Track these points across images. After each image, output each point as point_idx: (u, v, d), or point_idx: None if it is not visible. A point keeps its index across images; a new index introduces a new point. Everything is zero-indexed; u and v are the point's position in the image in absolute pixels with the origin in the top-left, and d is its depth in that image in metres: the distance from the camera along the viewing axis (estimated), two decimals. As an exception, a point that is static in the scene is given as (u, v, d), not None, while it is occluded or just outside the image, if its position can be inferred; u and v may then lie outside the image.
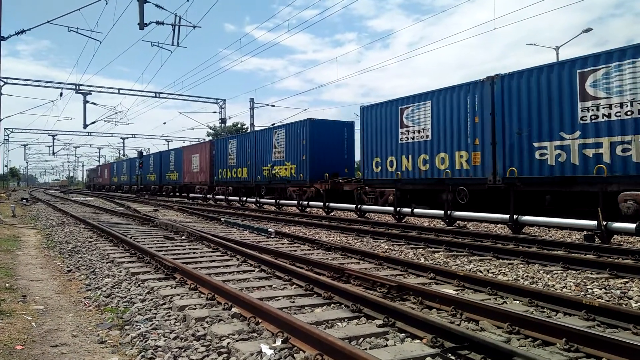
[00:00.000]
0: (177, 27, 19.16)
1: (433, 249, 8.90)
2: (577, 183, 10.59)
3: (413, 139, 14.81)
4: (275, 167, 22.26)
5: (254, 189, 24.40)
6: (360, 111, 17.22)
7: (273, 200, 21.50)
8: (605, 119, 10.06)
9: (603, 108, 10.06)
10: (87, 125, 34.75)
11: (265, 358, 3.42)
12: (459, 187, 13.14)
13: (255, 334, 3.92)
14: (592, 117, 10.27)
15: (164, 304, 5.03)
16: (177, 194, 37.13)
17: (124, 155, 76.09)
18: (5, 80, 31.76)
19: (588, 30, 28.26)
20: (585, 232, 10.08)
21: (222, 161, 28.53)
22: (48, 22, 18.81)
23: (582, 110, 10.45)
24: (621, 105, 9.80)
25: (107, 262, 7.64)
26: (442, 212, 13.20)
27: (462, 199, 13.05)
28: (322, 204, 18.22)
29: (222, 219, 14.74)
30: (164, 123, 57.91)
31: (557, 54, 28.99)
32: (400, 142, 15.29)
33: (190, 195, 31.95)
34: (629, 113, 9.68)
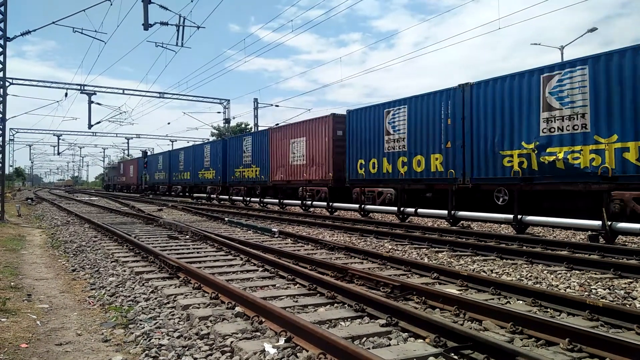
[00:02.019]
0: (181, 28, 19.18)
1: (437, 249, 8.89)
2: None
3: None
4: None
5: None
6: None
7: (277, 200, 21.53)
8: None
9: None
10: (92, 126, 34.73)
11: (269, 357, 3.43)
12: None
13: (258, 333, 3.94)
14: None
15: (168, 303, 5.05)
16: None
17: (128, 155, 75.88)
18: (11, 80, 31.89)
19: (593, 29, 28.16)
20: (589, 232, 10.06)
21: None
22: (53, 22, 18.86)
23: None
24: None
25: (112, 262, 7.68)
26: (445, 212, 13.19)
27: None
28: (325, 204, 18.23)
29: (226, 219, 14.77)
30: (169, 123, 58.34)
31: (562, 54, 28.92)
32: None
33: (194, 194, 32.00)
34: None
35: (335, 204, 18.01)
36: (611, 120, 10.16)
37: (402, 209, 14.74)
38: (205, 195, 30.35)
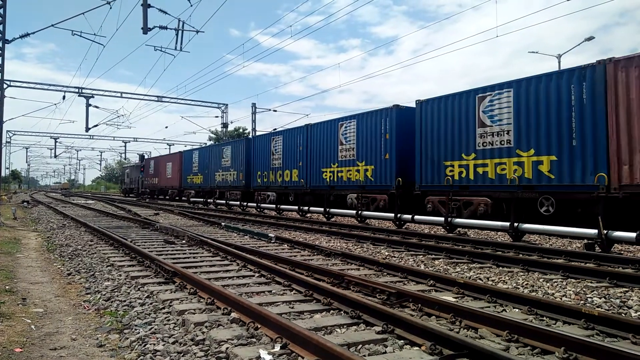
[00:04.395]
0: (180, 32, 19.23)
1: (433, 256, 8.89)
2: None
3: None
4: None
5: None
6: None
7: (273, 206, 21.52)
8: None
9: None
10: (90, 129, 34.74)
11: (264, 363, 3.42)
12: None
13: (254, 339, 3.93)
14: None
15: (164, 308, 5.03)
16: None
17: (125, 159, 75.18)
18: (8, 82, 31.87)
19: (590, 38, 28.31)
20: (585, 241, 10.08)
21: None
22: (52, 25, 18.87)
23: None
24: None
25: (107, 266, 7.65)
26: (442, 219, 13.21)
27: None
28: (322, 209, 18.22)
29: (223, 224, 14.74)
30: (166, 127, 58.40)
31: (559, 62, 29.07)
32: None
33: (191, 199, 31.84)
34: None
35: (332, 210, 17.99)
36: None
37: (398, 215, 14.76)
38: (202, 200, 29.87)
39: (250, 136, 25.55)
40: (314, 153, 19.13)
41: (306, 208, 19.39)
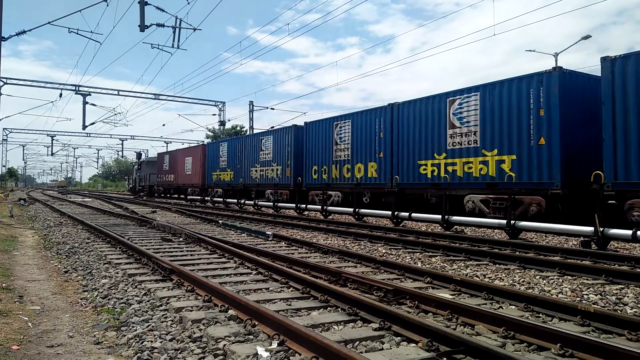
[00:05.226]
0: (177, 30, 19.21)
1: (430, 254, 8.91)
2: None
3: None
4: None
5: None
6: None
7: (271, 203, 21.53)
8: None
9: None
10: (86, 126, 34.67)
11: (261, 360, 3.43)
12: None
13: (251, 337, 3.93)
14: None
15: (161, 305, 5.03)
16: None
17: (122, 157, 74.83)
18: (4, 80, 31.75)
19: (587, 37, 28.40)
20: (582, 238, 10.12)
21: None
22: (49, 23, 18.82)
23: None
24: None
25: (104, 264, 7.64)
26: (439, 216, 13.24)
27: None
28: (319, 207, 18.23)
29: (220, 221, 14.74)
30: (163, 125, 58.05)
31: (556, 60, 29.12)
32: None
33: (188, 197, 31.74)
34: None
35: (330, 208, 17.99)
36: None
37: (396, 213, 14.78)
38: (199, 197, 29.29)
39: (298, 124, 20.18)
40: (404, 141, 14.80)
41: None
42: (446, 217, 13.06)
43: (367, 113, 16.53)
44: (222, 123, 39.60)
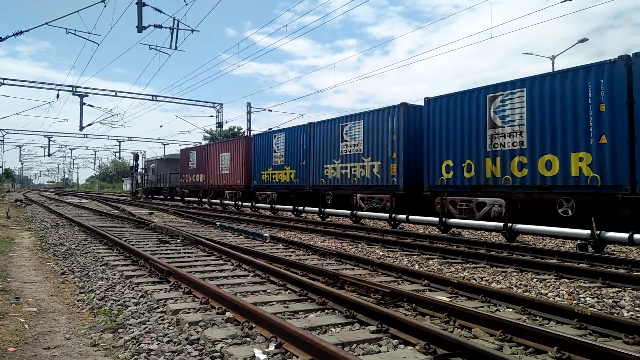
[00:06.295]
0: (175, 31, 19.20)
1: (427, 256, 8.92)
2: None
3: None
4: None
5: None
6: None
7: (269, 205, 21.50)
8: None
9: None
10: (84, 128, 34.57)
11: (259, 363, 3.42)
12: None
13: (248, 339, 3.93)
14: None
15: (158, 307, 5.02)
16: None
17: (119, 158, 74.69)
18: (2, 80, 31.69)
19: (584, 40, 28.51)
20: (578, 241, 10.14)
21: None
22: (46, 23, 18.79)
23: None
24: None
25: (101, 265, 7.62)
26: (437, 219, 13.26)
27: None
28: (317, 209, 18.22)
29: (217, 223, 14.72)
30: (161, 126, 58.26)
31: (553, 64, 29.22)
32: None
33: (186, 198, 31.62)
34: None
35: (327, 210, 17.99)
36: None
37: (393, 215, 14.79)
38: (196, 199, 28.78)
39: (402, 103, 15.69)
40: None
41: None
42: (444, 219, 13.08)
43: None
44: (220, 125, 39.59)
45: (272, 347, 3.66)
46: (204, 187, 29.31)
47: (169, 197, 36.42)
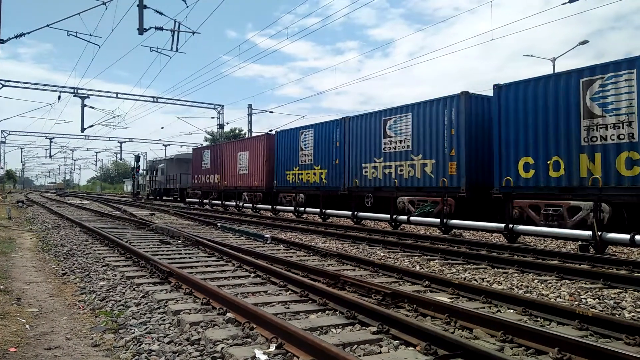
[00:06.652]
0: (176, 33, 19.23)
1: (428, 257, 8.91)
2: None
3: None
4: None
5: None
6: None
7: (270, 206, 21.50)
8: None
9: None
10: (85, 129, 34.64)
11: (259, 363, 3.42)
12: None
13: (249, 339, 3.93)
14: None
15: (159, 308, 5.02)
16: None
17: (121, 160, 74.69)
18: (3, 82, 31.76)
19: (584, 42, 28.48)
20: (580, 242, 10.12)
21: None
22: (47, 25, 18.83)
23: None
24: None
25: (102, 266, 7.63)
26: (438, 220, 13.24)
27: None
28: (318, 210, 18.21)
29: (219, 224, 14.72)
30: (162, 128, 58.21)
31: (554, 66, 29.19)
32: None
33: (187, 199, 31.62)
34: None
35: (328, 211, 17.98)
36: None
37: (394, 216, 14.78)
38: (197, 200, 28.68)
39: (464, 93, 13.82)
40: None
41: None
42: (445, 220, 13.06)
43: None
44: (221, 126, 39.63)
45: (272, 348, 3.66)
46: (219, 188, 27.48)
47: (179, 199, 34.84)
